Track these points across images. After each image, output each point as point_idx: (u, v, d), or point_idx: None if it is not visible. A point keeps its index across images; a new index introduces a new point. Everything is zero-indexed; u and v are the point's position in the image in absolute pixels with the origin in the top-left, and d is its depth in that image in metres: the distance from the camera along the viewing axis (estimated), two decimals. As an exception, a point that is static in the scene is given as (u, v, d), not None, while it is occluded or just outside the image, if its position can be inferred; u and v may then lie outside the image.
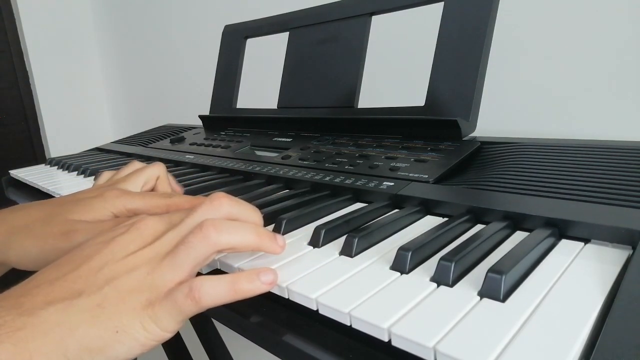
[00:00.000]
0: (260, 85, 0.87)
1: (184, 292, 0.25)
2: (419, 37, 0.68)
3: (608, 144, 0.43)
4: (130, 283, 0.26)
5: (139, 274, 0.26)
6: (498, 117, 0.69)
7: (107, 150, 0.93)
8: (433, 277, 0.27)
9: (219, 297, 0.26)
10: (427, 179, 0.43)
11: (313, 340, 0.25)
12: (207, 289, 0.25)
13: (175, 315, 0.25)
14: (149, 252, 0.27)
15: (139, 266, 0.26)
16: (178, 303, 0.25)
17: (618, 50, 0.60)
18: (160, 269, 0.26)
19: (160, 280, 0.26)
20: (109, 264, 0.26)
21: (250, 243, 0.29)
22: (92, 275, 0.26)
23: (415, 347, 0.21)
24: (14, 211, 0.38)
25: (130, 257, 0.27)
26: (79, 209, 0.37)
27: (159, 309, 0.25)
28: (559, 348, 0.20)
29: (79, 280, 0.25)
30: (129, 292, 0.25)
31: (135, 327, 0.25)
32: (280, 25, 0.73)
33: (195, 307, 0.25)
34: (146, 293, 0.26)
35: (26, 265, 0.36)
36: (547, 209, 0.33)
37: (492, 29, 0.50)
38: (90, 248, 0.28)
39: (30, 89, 1.78)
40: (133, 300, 0.25)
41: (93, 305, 0.24)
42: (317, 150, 0.57)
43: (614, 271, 0.26)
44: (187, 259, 0.27)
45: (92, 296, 0.25)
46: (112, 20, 1.73)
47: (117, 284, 0.25)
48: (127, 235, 0.28)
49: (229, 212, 0.31)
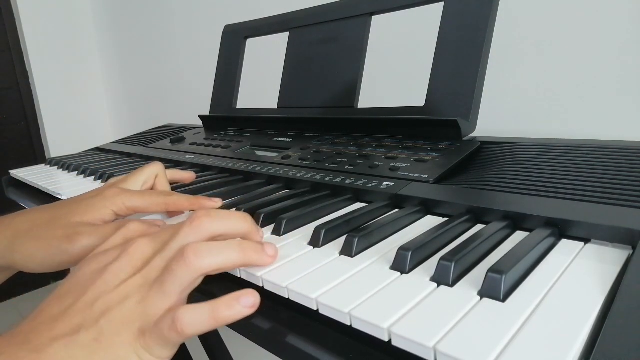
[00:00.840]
0: (260, 85, 0.87)
1: (167, 324, 0.26)
2: (419, 37, 0.68)
3: (608, 144, 0.43)
4: (123, 314, 0.27)
5: (130, 304, 0.27)
6: (498, 117, 0.69)
7: (107, 150, 0.93)
8: (433, 277, 0.27)
9: (200, 327, 0.26)
10: (427, 179, 0.43)
11: (313, 340, 0.25)
12: (188, 320, 0.26)
13: (164, 345, 0.27)
14: (139, 279, 0.28)
15: (130, 295, 0.28)
16: (164, 334, 0.26)
17: (618, 50, 0.60)
18: (149, 297, 0.27)
19: (150, 309, 0.27)
20: (103, 296, 0.28)
21: (235, 261, 0.29)
22: (88, 309, 0.27)
23: (416, 347, 0.21)
24: (18, 216, 0.39)
25: (122, 286, 0.28)
26: (80, 210, 0.39)
27: (149, 339, 0.26)
28: (559, 348, 0.20)
29: (77, 315, 0.27)
30: (122, 324, 0.27)
31: (131, 358, 0.26)
32: (280, 25, 0.73)
33: (179, 337, 0.26)
34: (138, 322, 0.27)
35: (32, 268, 0.37)
36: (547, 209, 0.33)
37: (492, 29, 0.50)
38: (85, 278, 0.29)
39: (30, 89, 1.78)
40: (127, 332, 0.26)
41: (91, 340, 0.26)
42: (317, 150, 0.58)
43: (614, 271, 0.26)
44: (173, 286, 0.27)
45: (89, 330, 0.26)
46: (112, 20, 1.73)
47: (111, 316, 0.27)
48: (118, 263, 0.29)
49: (211, 230, 0.30)
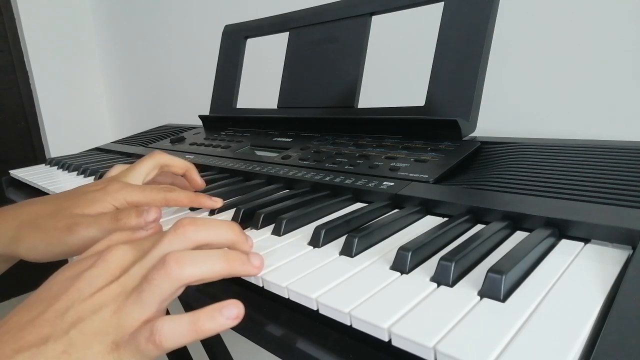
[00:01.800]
0: (260, 85, 0.87)
1: (145, 336, 0.24)
2: (419, 37, 0.68)
3: (608, 144, 0.43)
4: (95, 325, 0.25)
5: (104, 314, 0.25)
6: (498, 117, 0.69)
7: (107, 150, 0.93)
8: (433, 277, 0.27)
9: (180, 339, 0.25)
10: (427, 179, 0.43)
11: (313, 340, 0.25)
12: (168, 331, 0.24)
13: (140, 358, 0.25)
14: (116, 287, 0.27)
15: (105, 305, 0.26)
16: (140, 347, 0.24)
17: (618, 50, 0.60)
18: (125, 307, 0.26)
19: (126, 320, 0.25)
20: (75, 305, 0.26)
21: (219, 271, 0.28)
22: (58, 318, 0.25)
23: (416, 347, 0.21)
24: (24, 206, 0.40)
25: (97, 294, 0.26)
26: (82, 202, 0.39)
27: (124, 352, 0.25)
28: (559, 348, 0.20)
29: (46, 324, 0.25)
30: (94, 335, 0.25)
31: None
32: (280, 25, 0.73)
33: (157, 350, 0.25)
34: (112, 335, 0.25)
35: (34, 257, 0.38)
36: (547, 209, 0.33)
37: (492, 29, 0.50)
38: (58, 285, 0.27)
39: (30, 89, 1.78)
40: (99, 344, 0.25)
41: (59, 352, 0.24)
42: (317, 150, 0.58)
43: (614, 271, 0.26)
44: (152, 296, 0.26)
45: (58, 342, 0.24)
46: (112, 20, 1.73)
47: (82, 327, 0.25)
48: (94, 269, 0.27)
49: (195, 238, 0.29)
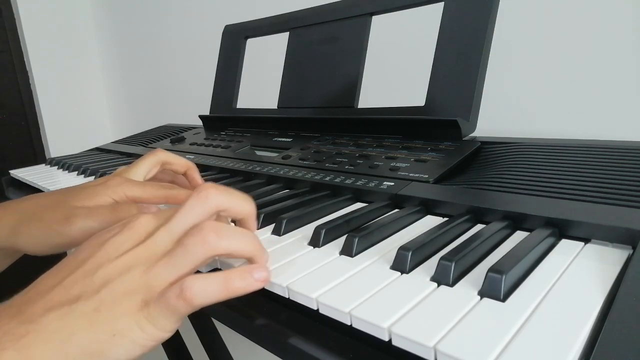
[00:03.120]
0: (260, 85, 0.87)
1: (175, 293, 0.25)
2: (419, 37, 0.68)
3: (608, 144, 0.43)
4: (125, 284, 0.26)
5: (133, 274, 0.26)
6: (498, 117, 0.69)
7: (107, 150, 0.93)
8: (433, 277, 0.27)
9: (211, 296, 0.26)
10: (427, 178, 0.43)
11: (313, 340, 0.25)
12: (198, 288, 0.25)
13: (170, 315, 0.25)
14: (143, 250, 0.27)
15: (134, 266, 0.26)
16: (170, 304, 0.25)
17: (618, 50, 0.60)
18: (155, 268, 0.26)
19: (155, 280, 0.26)
20: (104, 266, 0.26)
21: (247, 252, 0.29)
22: (88, 279, 0.26)
23: (416, 347, 0.21)
24: (24, 200, 0.41)
25: (124, 256, 0.27)
26: (82, 196, 0.40)
27: (153, 309, 0.25)
28: (559, 348, 0.20)
29: (75, 285, 0.26)
30: (124, 294, 0.25)
31: (132, 329, 0.25)
32: (280, 25, 0.73)
33: (187, 307, 0.25)
34: (141, 293, 0.26)
35: (34, 250, 0.38)
36: (547, 209, 0.33)
37: (492, 29, 0.50)
38: (85, 251, 0.28)
39: (30, 89, 1.78)
40: (128, 302, 0.25)
41: (90, 310, 0.25)
42: (317, 150, 0.58)
43: (614, 271, 0.26)
44: (184, 261, 0.26)
45: (89, 300, 0.25)
46: (112, 21, 1.73)
47: (112, 286, 0.25)
48: (120, 235, 0.28)
49: (217, 203, 0.30)
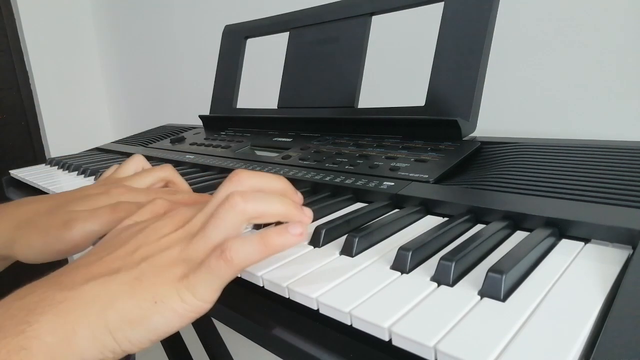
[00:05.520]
0: (260, 85, 0.87)
1: (215, 255, 0.25)
2: (419, 37, 0.68)
3: (608, 144, 0.43)
4: (165, 259, 0.27)
5: (172, 252, 0.27)
6: (498, 117, 0.69)
7: (107, 150, 0.93)
8: (433, 277, 0.27)
9: (251, 254, 0.26)
10: (427, 179, 0.43)
11: (313, 340, 0.25)
12: (238, 247, 0.25)
13: (211, 281, 0.26)
14: (181, 233, 0.29)
15: (172, 245, 0.27)
16: (212, 267, 0.25)
17: (618, 50, 0.60)
18: (192, 244, 0.27)
19: (194, 253, 0.27)
20: (144, 246, 0.28)
21: (278, 211, 0.29)
22: (128, 256, 0.27)
23: (416, 347, 0.21)
24: (20, 205, 0.40)
25: (164, 239, 0.28)
26: (84, 204, 0.39)
27: (193, 278, 0.26)
28: (559, 348, 0.20)
29: (116, 261, 0.27)
30: (164, 267, 0.26)
31: (173, 298, 0.25)
32: (280, 25, 0.73)
33: (229, 268, 0.25)
34: (181, 267, 0.26)
35: (29, 258, 0.37)
36: (547, 209, 0.33)
37: (492, 29, 0.50)
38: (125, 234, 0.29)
39: (30, 89, 1.78)
40: (169, 274, 0.26)
41: (131, 279, 0.25)
42: (317, 150, 0.58)
43: (614, 271, 0.26)
44: (217, 230, 0.27)
45: (130, 271, 0.26)
46: (112, 20, 1.73)
47: (152, 261, 0.26)
48: (159, 222, 0.30)
49: (251, 184, 0.31)
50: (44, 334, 0.22)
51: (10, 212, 0.39)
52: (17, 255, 0.37)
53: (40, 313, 0.23)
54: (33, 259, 0.37)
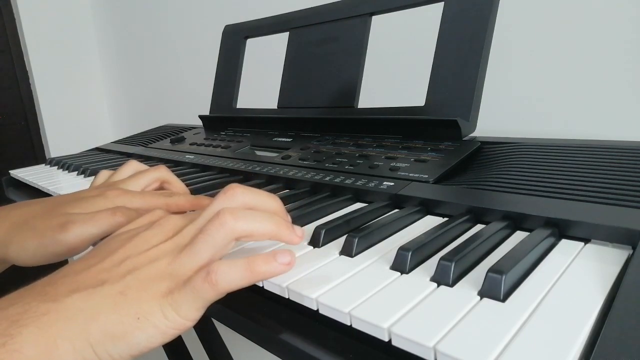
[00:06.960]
0: (260, 85, 0.87)
1: (201, 277, 0.25)
2: (419, 37, 0.68)
3: (608, 144, 0.43)
4: (151, 272, 0.26)
5: (159, 265, 0.27)
6: (498, 117, 0.69)
7: (107, 150, 0.93)
8: (433, 277, 0.27)
9: (236, 279, 0.26)
10: (427, 179, 0.43)
11: (313, 340, 0.25)
12: (224, 272, 0.25)
13: (194, 301, 0.26)
14: (170, 244, 0.28)
15: (160, 257, 0.27)
16: (196, 288, 0.25)
17: (618, 50, 0.60)
18: (180, 258, 0.27)
19: (180, 269, 0.27)
20: (132, 257, 0.27)
21: (267, 230, 0.29)
22: (115, 267, 0.27)
23: (416, 347, 0.21)
24: (15, 208, 0.39)
25: (152, 250, 0.28)
26: (81, 206, 0.38)
27: (178, 296, 0.25)
28: (559, 348, 0.20)
29: (102, 272, 0.27)
30: (150, 281, 0.26)
31: (156, 315, 0.25)
32: (280, 25, 0.73)
33: (213, 291, 0.25)
34: (166, 282, 0.26)
35: (25, 261, 0.36)
36: (547, 209, 0.33)
37: (492, 29, 0.50)
38: (114, 242, 0.29)
39: (30, 89, 1.78)
40: (154, 288, 0.26)
41: (115, 293, 0.25)
42: (317, 150, 0.58)
43: (614, 271, 0.26)
44: (206, 246, 0.27)
45: (114, 285, 0.26)
46: (112, 21, 1.73)
47: (138, 274, 0.26)
48: (149, 230, 0.29)
49: (244, 201, 0.31)
50: (25, 348, 0.22)
51: (4, 215, 0.38)
52: (11, 258, 0.36)
53: (23, 325, 0.23)
54: (28, 261, 0.36)
